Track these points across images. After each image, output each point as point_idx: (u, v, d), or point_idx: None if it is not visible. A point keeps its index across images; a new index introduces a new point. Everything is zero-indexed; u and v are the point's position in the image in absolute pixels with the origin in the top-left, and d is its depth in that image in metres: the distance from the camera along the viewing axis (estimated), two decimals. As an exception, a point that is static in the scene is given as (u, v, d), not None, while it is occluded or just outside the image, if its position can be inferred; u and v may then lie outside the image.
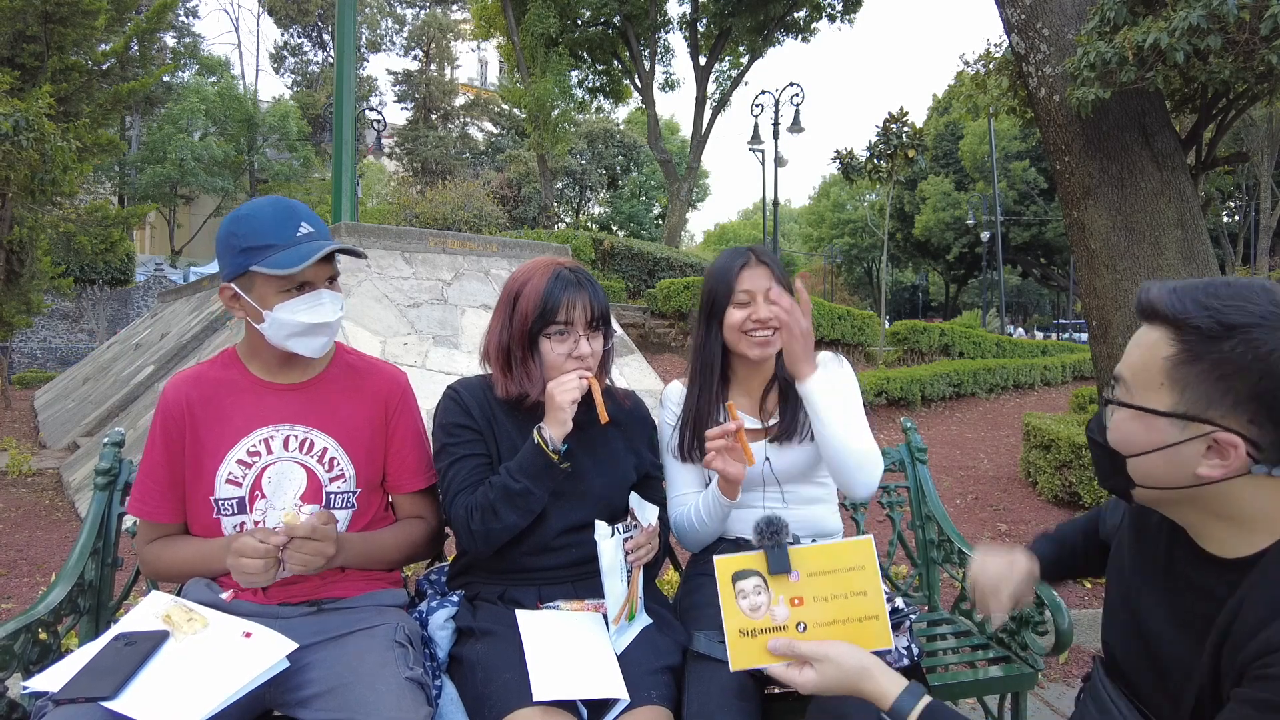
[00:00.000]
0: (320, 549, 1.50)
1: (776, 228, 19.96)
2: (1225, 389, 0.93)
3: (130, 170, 27.89)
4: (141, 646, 1.43)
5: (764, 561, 1.38)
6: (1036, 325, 47.72)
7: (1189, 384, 0.96)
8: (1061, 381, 14.31)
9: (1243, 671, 0.92)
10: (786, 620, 1.35)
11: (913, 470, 2.48)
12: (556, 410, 1.59)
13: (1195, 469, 0.97)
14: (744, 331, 1.86)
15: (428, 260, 7.99)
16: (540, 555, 1.70)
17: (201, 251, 31.68)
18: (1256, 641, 0.91)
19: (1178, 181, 4.74)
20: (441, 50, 41.51)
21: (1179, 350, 0.96)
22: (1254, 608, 0.94)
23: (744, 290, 1.87)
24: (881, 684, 1.18)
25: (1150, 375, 1.00)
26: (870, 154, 11.75)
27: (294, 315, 1.58)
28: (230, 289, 1.60)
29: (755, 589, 1.37)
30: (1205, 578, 1.05)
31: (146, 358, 9.42)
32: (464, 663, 1.59)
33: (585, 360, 1.71)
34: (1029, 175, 31.85)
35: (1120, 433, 1.04)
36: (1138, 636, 1.15)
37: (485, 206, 19.08)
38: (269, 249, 1.55)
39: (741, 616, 1.35)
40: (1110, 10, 4.27)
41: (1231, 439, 0.94)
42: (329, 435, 1.69)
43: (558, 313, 1.68)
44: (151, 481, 1.64)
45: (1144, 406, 1.00)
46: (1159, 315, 0.99)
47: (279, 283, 1.57)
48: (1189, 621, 1.06)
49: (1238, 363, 0.92)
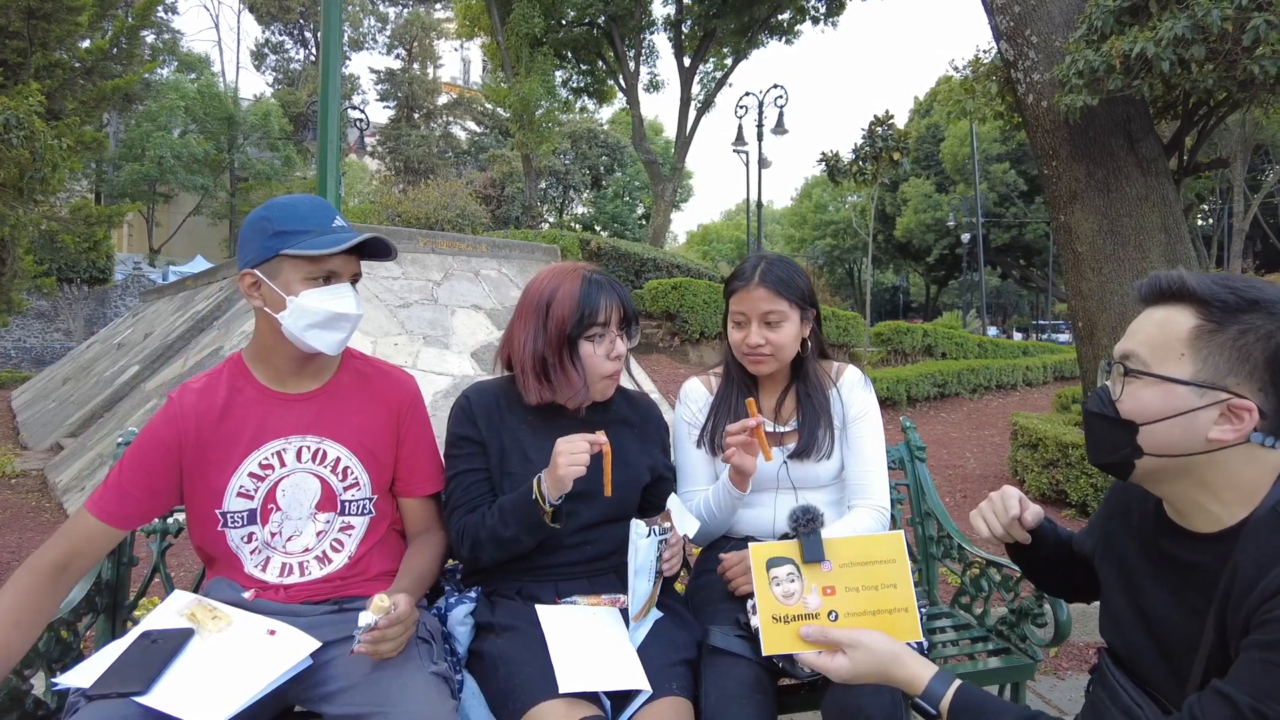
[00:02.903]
0: (409, 628, 1.49)
1: (760, 229, 20.06)
2: (1243, 358, 1.03)
3: (108, 168, 27.50)
4: (168, 644, 1.44)
5: (798, 549, 1.42)
6: (1016, 326, 48.22)
7: (1211, 353, 1.04)
8: (1043, 382, 14.51)
9: (1248, 623, 0.98)
10: (819, 608, 1.38)
11: (912, 468, 2.53)
12: (559, 478, 1.55)
13: (1208, 434, 1.05)
14: (742, 354, 1.91)
15: (418, 260, 7.98)
16: (556, 553, 1.73)
17: (181, 250, 31.29)
18: (1256, 593, 0.97)
19: (1161, 187, 4.85)
20: (424, 49, 41.31)
21: (1203, 322, 1.05)
22: (1248, 567, 1.00)
23: (738, 311, 1.89)
24: (913, 669, 1.22)
25: (1170, 347, 1.08)
26: (856, 156, 11.86)
27: (319, 302, 1.57)
28: (252, 275, 1.58)
29: (789, 576, 1.41)
30: (1193, 555, 1.11)
31: (130, 358, 9.32)
32: (485, 657, 1.61)
33: (622, 358, 1.75)
34: (1009, 178, 32.18)
35: (1137, 401, 1.10)
36: (1140, 623, 1.20)
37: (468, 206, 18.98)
38: (304, 234, 1.56)
39: (775, 602, 1.39)
40: (1098, 19, 4.35)
41: (1246, 404, 1.03)
42: (341, 444, 1.68)
43: (598, 314, 1.70)
44: (130, 485, 1.58)
45: (1167, 375, 1.07)
46: (1186, 292, 1.08)
47: (309, 268, 1.57)
48: (1185, 599, 1.12)
49: (1258, 332, 1.02)
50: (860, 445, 1.93)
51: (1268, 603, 0.95)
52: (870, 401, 1.97)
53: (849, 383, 1.98)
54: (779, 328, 1.86)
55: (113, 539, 1.60)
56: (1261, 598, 0.96)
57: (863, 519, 1.87)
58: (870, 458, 1.93)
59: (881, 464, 1.94)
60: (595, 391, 1.76)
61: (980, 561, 2.20)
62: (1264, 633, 0.95)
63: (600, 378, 1.74)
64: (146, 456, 1.60)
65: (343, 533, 1.70)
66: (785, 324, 1.86)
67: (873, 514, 1.89)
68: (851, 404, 1.96)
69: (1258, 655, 0.95)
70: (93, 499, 1.57)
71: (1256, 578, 0.98)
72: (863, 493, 1.92)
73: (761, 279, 1.85)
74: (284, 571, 1.65)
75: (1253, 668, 0.95)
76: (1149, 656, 1.18)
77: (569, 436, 1.58)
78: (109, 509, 1.56)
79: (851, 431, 1.94)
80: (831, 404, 1.96)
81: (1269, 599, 0.95)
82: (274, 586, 1.64)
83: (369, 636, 1.39)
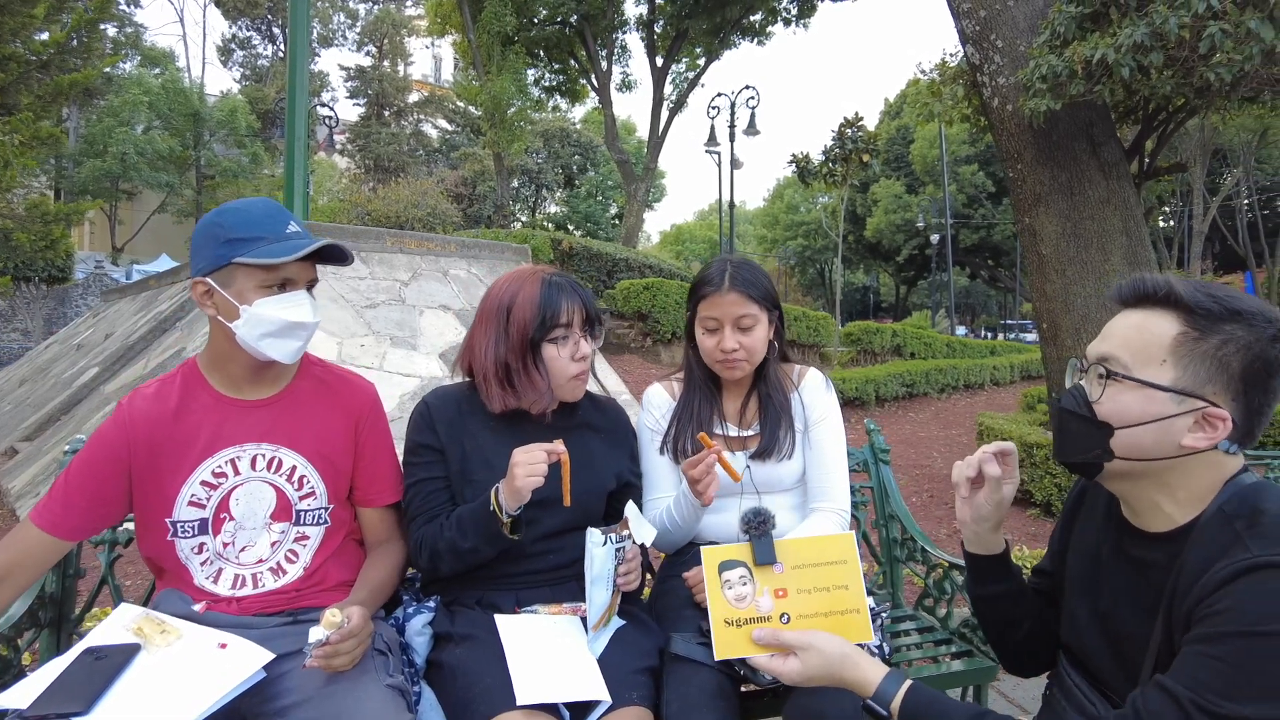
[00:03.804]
0: (363, 641, 1.46)
1: (733, 229, 20.15)
2: (1222, 368, 1.05)
3: (68, 164, 26.84)
4: (113, 660, 1.40)
5: (750, 552, 1.42)
6: (984, 325, 48.90)
7: (1192, 361, 1.06)
8: (1010, 381, 14.73)
9: (1189, 618, 1.00)
10: (771, 611, 1.38)
11: (876, 471, 2.54)
12: (516, 489, 1.53)
13: (1181, 440, 1.06)
14: (715, 360, 1.88)
15: (385, 260, 7.89)
16: (518, 561, 1.71)
17: (145, 249, 30.64)
18: (1197, 588, 0.99)
19: (1123, 190, 4.93)
20: (395, 46, 40.85)
21: (1187, 329, 1.06)
22: (1193, 565, 1.02)
23: (710, 317, 1.86)
24: (865, 671, 1.22)
25: (1152, 352, 1.08)
26: (825, 158, 11.94)
27: (274, 311, 1.53)
28: (205, 284, 1.54)
29: (741, 579, 1.41)
30: (1147, 553, 1.14)
31: (89, 359, 9.10)
32: (443, 668, 1.58)
33: (587, 359, 1.73)
34: (978, 179, 32.62)
35: (1115, 404, 1.11)
36: (1095, 621, 1.22)
37: (439, 205, 18.79)
38: (257, 241, 1.52)
39: (727, 606, 1.38)
40: (1060, 25, 4.42)
41: (1221, 413, 1.05)
42: (298, 453, 1.65)
43: (559, 316, 1.68)
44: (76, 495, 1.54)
45: (1149, 381, 1.08)
46: (1172, 297, 1.08)
47: (263, 276, 1.53)
48: (1138, 597, 1.14)
49: (1238, 343, 1.04)
50: (821, 448, 1.93)
51: (1208, 598, 0.97)
52: (832, 404, 1.97)
53: (810, 386, 1.98)
54: (751, 332, 1.85)
55: (58, 551, 1.55)
56: (1202, 593, 0.98)
57: (823, 523, 1.87)
58: (831, 461, 1.93)
59: (843, 467, 1.94)
60: (564, 393, 1.74)
61: (943, 564, 2.21)
62: (1204, 627, 0.97)
63: (566, 379, 1.72)
64: (94, 465, 1.55)
65: (298, 543, 1.66)
66: (757, 327, 1.85)
67: (833, 517, 1.89)
68: (813, 407, 1.96)
69: (1198, 649, 0.97)
70: (37, 509, 1.52)
71: (1200, 574, 1.00)
72: (823, 496, 1.92)
73: (732, 283, 1.83)
74: (237, 583, 1.61)
75: (1193, 662, 0.96)
76: (1103, 655, 1.20)
77: (527, 446, 1.56)
78: (54, 520, 1.52)
79: (813, 435, 1.94)
80: (793, 406, 1.95)
81: (1209, 595, 0.97)
82: (226, 599, 1.60)
83: (321, 652, 1.37)
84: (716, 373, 1.93)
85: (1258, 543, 0.97)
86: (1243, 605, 0.94)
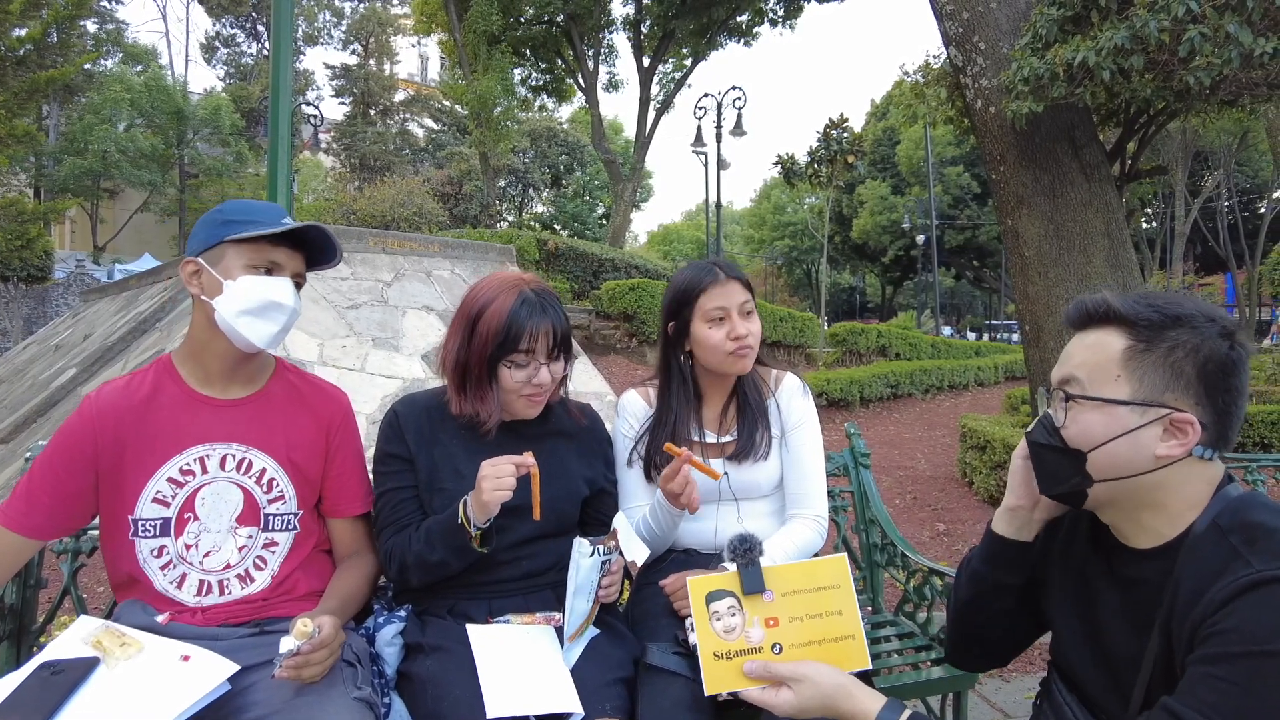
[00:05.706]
0: (334, 652, 1.43)
1: (720, 230, 20.15)
2: (1176, 373, 1.05)
3: (48, 162, 26.49)
4: (70, 675, 1.36)
5: (738, 581, 1.37)
6: (970, 326, 49.18)
7: (1145, 371, 1.06)
8: (994, 382, 14.81)
9: (1193, 638, 0.98)
10: (762, 642, 1.34)
11: (856, 475, 2.53)
12: (483, 503, 1.50)
13: (1155, 450, 1.06)
14: (727, 352, 1.82)
15: (367, 260, 7.82)
16: (490, 569, 1.68)
17: (127, 248, 30.31)
18: (1200, 607, 0.97)
19: (1105, 193, 4.96)
20: (381, 45, 40.66)
21: (1133, 342, 1.08)
22: (1191, 580, 1.00)
23: (717, 307, 1.82)
24: (861, 701, 1.18)
25: (1105, 370, 1.09)
26: (811, 159, 11.96)
27: (255, 288, 1.54)
28: (195, 263, 1.56)
29: (729, 610, 1.36)
30: (1136, 571, 1.12)
31: (68, 360, 8.98)
32: (414, 679, 1.55)
33: (543, 388, 1.67)
34: (963, 180, 32.81)
35: (1080, 426, 1.11)
36: (1087, 641, 1.19)
37: (425, 204, 18.69)
38: (251, 224, 1.55)
39: (716, 639, 1.33)
40: (1042, 28, 4.43)
41: (1187, 417, 1.04)
42: (269, 455, 1.63)
43: (520, 341, 1.62)
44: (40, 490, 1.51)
45: (1106, 398, 1.08)
46: (1112, 314, 1.10)
47: (251, 254, 1.55)
48: (1130, 615, 1.12)
49: (1185, 347, 1.05)
50: (799, 454, 1.91)
51: (1211, 617, 0.95)
52: (809, 410, 1.95)
53: (788, 391, 1.96)
54: (753, 318, 1.85)
55: (22, 553, 1.52)
56: (1205, 612, 0.96)
57: (801, 530, 1.85)
58: (809, 467, 1.91)
59: (820, 473, 1.92)
60: (515, 411, 1.71)
61: (923, 569, 2.19)
62: (1209, 646, 0.95)
63: (516, 398, 1.68)
64: (59, 460, 1.53)
65: (266, 549, 1.63)
66: (756, 315, 1.86)
67: (811, 524, 1.87)
68: (790, 412, 1.93)
69: (1204, 670, 0.95)
70: (1, 507, 1.50)
71: (1199, 591, 0.98)
72: (800, 503, 1.90)
73: (729, 273, 1.84)
74: (202, 590, 1.58)
75: (1200, 683, 0.94)
76: (1095, 675, 1.18)
77: (493, 459, 1.53)
78: (18, 518, 1.49)
79: (791, 440, 1.92)
80: (770, 411, 1.93)
81: (1213, 613, 0.95)
82: (191, 608, 1.56)
83: (292, 662, 1.34)
84: (723, 369, 1.86)
85: (1259, 557, 0.95)
86: (1249, 623, 0.92)
